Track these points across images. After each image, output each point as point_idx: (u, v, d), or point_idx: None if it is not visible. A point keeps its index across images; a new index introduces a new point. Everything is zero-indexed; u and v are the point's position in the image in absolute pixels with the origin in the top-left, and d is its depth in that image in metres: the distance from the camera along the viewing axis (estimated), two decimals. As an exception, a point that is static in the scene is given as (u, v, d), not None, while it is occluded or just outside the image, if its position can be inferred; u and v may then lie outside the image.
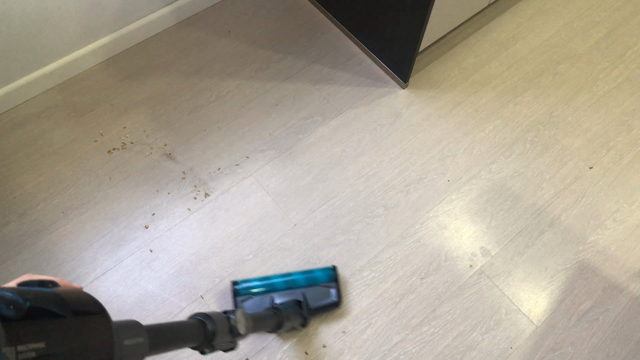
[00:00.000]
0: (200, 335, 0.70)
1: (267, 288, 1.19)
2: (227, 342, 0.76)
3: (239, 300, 1.18)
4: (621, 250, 1.31)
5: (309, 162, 1.40)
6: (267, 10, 1.66)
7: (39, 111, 1.46)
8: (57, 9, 1.32)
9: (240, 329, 0.78)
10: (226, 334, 0.74)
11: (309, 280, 1.20)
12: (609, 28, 1.66)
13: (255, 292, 1.19)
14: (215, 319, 0.72)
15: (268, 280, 1.20)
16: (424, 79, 1.55)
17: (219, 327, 0.72)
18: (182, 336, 0.68)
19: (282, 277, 1.20)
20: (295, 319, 1.09)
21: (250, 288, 1.19)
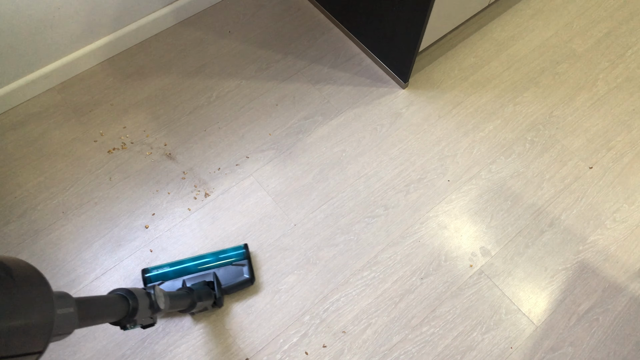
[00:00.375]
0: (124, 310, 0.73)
1: (179, 272, 1.19)
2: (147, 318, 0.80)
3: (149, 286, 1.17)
4: (621, 250, 1.31)
5: (309, 162, 1.40)
6: (267, 10, 1.66)
7: (39, 111, 1.46)
8: (57, 9, 1.32)
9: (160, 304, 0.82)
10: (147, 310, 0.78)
11: (220, 261, 1.21)
12: (609, 28, 1.66)
13: (168, 278, 1.19)
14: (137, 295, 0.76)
15: (179, 264, 1.20)
16: (424, 79, 1.55)
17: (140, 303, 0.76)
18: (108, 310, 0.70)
19: (194, 260, 1.21)
20: (207, 299, 1.10)
21: (161, 274, 1.20)
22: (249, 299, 1.22)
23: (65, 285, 1.22)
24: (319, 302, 1.22)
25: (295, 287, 1.24)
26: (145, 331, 1.18)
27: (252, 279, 1.21)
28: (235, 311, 1.21)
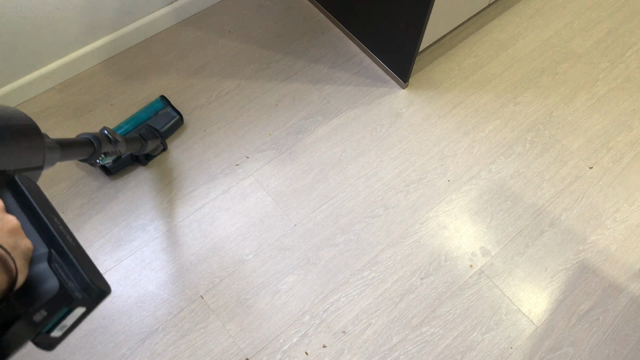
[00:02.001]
0: (92, 145, 0.96)
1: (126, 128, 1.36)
2: (112, 151, 1.04)
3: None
4: (621, 250, 1.31)
5: (309, 162, 1.40)
6: (267, 10, 1.66)
7: (39, 111, 1.46)
8: (56, 9, 1.32)
9: (116, 137, 1.05)
10: (108, 144, 1.01)
11: (148, 113, 1.39)
12: (609, 28, 1.66)
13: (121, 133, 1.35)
14: (97, 135, 0.99)
15: (118, 130, 1.35)
16: (424, 79, 1.55)
17: (101, 138, 0.99)
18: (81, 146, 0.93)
19: (127, 123, 1.37)
20: (153, 140, 1.29)
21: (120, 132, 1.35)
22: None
23: (65, 285, 1.22)
24: (319, 302, 1.22)
25: (295, 287, 1.24)
26: (145, 331, 1.18)
27: (181, 116, 1.41)
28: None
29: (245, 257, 1.27)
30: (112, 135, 1.04)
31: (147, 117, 1.39)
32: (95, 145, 0.97)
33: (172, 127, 1.40)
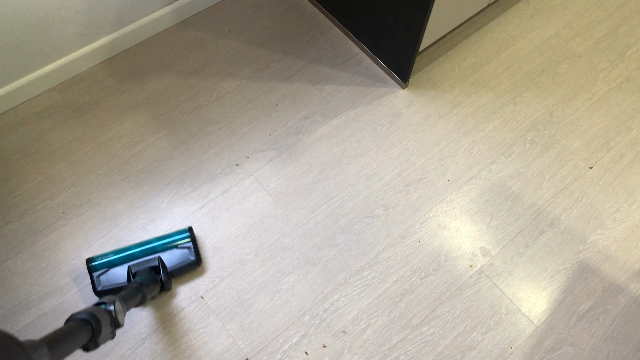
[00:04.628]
0: (88, 334, 0.73)
1: (124, 259, 1.19)
2: (108, 335, 0.80)
3: (95, 275, 1.18)
4: (621, 250, 1.31)
5: (309, 162, 1.40)
6: (267, 10, 1.66)
7: (39, 111, 1.46)
8: (57, 9, 1.32)
9: (120, 321, 0.83)
10: (108, 327, 0.79)
11: (165, 245, 1.21)
12: (609, 28, 1.66)
13: (113, 265, 1.19)
14: (98, 317, 0.76)
15: (125, 251, 1.20)
16: (424, 79, 1.55)
17: (103, 324, 0.76)
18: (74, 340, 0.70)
19: (139, 247, 1.21)
20: (154, 288, 1.11)
21: (107, 263, 1.19)
22: (248, 303, 1.22)
23: (66, 285, 1.22)
24: (319, 302, 1.22)
25: (295, 287, 1.24)
26: (145, 331, 1.18)
27: (198, 260, 1.23)
28: (235, 311, 1.21)
29: (245, 257, 1.27)
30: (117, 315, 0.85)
31: (163, 248, 1.21)
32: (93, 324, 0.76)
33: (183, 269, 1.21)
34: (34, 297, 1.21)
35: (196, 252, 1.23)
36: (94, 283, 1.18)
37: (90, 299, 1.22)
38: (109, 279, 1.18)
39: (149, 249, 1.21)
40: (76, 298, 1.21)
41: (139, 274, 1.14)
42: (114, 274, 1.18)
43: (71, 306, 1.20)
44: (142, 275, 1.13)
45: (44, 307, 1.20)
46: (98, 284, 1.18)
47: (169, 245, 1.22)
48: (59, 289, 1.22)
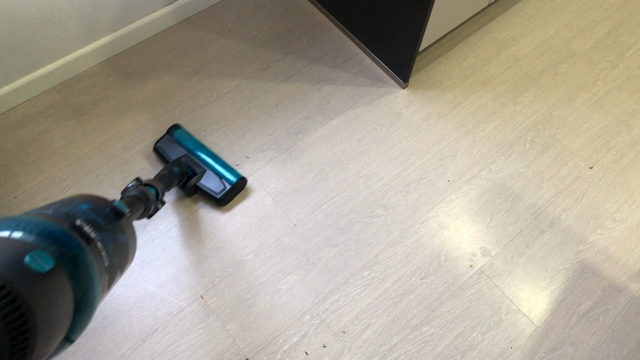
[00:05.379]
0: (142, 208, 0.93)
1: (189, 149, 1.34)
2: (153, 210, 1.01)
3: (166, 137, 1.37)
4: (621, 250, 1.31)
5: (309, 162, 1.40)
6: (267, 10, 1.66)
7: (39, 111, 1.46)
8: (57, 9, 1.32)
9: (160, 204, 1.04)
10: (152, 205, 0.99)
11: (217, 170, 1.32)
12: (609, 28, 1.66)
13: (181, 145, 1.35)
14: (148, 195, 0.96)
15: (195, 146, 1.34)
16: (424, 79, 1.55)
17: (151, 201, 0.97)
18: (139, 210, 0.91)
19: (204, 153, 1.33)
20: (179, 182, 1.25)
21: (180, 139, 1.36)
22: (249, 301, 1.22)
23: (65, 285, 1.22)
24: (319, 302, 1.22)
25: (295, 287, 1.24)
26: (145, 331, 1.18)
27: (221, 202, 1.30)
28: (235, 311, 1.21)
29: (245, 257, 1.27)
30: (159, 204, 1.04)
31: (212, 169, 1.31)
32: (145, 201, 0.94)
33: (206, 195, 1.30)
34: (34, 297, 1.21)
35: (226, 195, 1.30)
36: (160, 140, 1.37)
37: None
38: (168, 147, 1.35)
39: (206, 160, 1.32)
40: (76, 298, 1.21)
41: (180, 165, 1.27)
42: (173, 148, 1.35)
43: (71, 306, 1.20)
44: (181, 168, 1.27)
45: (44, 307, 1.20)
46: (160, 144, 1.37)
47: (218, 172, 1.32)
48: (59, 289, 1.22)
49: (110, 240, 0.56)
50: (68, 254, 0.45)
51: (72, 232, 0.49)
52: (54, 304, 0.39)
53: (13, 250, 0.38)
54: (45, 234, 0.44)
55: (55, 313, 0.40)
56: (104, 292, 0.53)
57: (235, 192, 1.32)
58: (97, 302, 0.49)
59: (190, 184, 1.27)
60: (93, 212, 0.57)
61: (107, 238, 0.55)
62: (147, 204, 0.94)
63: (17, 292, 0.35)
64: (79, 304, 0.45)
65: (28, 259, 0.38)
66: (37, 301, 0.36)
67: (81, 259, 0.46)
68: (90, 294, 0.47)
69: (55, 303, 0.40)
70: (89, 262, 0.47)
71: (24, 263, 0.38)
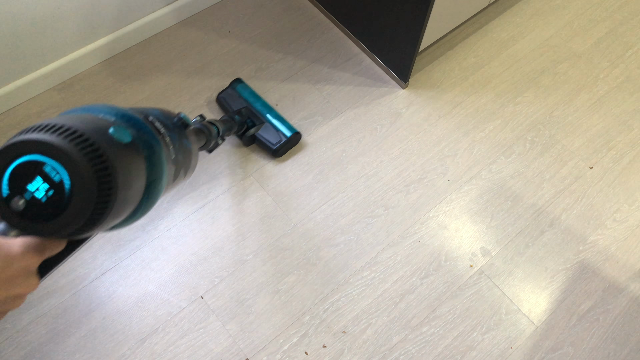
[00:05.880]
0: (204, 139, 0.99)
1: (251, 101, 1.41)
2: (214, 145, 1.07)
3: (229, 89, 1.45)
4: (621, 250, 1.31)
5: (309, 162, 1.40)
6: (267, 10, 1.66)
7: (39, 111, 1.46)
8: (56, 9, 1.32)
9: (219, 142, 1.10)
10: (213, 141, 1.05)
11: (274, 124, 1.38)
12: (609, 28, 1.66)
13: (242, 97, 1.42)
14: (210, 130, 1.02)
15: (256, 99, 1.41)
16: (424, 79, 1.55)
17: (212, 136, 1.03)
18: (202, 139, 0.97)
19: (264, 107, 1.40)
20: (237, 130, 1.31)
21: (242, 92, 1.43)
22: (252, 300, 1.22)
23: (66, 285, 1.22)
24: (319, 302, 1.22)
25: (295, 287, 1.24)
26: (145, 331, 1.18)
27: (276, 153, 1.37)
28: (235, 311, 1.21)
29: (245, 257, 1.27)
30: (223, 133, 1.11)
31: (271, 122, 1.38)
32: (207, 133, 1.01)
33: (262, 145, 1.37)
34: (34, 297, 1.21)
35: (281, 147, 1.36)
36: (222, 92, 1.45)
37: (87, 299, 1.22)
38: (230, 98, 1.43)
39: (265, 114, 1.39)
40: (76, 298, 1.21)
41: (241, 115, 1.35)
42: (234, 100, 1.42)
43: (71, 306, 1.20)
44: (242, 118, 1.34)
45: (44, 307, 1.20)
46: (223, 94, 1.44)
47: (275, 125, 1.38)
48: (59, 289, 1.22)
49: (176, 139, 0.61)
50: (144, 138, 0.50)
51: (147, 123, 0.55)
52: (131, 175, 0.44)
53: (98, 123, 0.43)
54: (125, 118, 0.50)
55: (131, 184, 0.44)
56: (169, 185, 0.58)
57: (290, 145, 1.39)
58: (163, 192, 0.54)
59: (249, 134, 1.35)
60: (162, 115, 0.63)
61: (174, 137, 0.61)
62: (208, 137, 1.00)
63: (104, 151, 0.39)
64: (149, 187, 0.50)
65: (112, 130, 0.43)
66: (119, 166, 0.41)
67: (155, 146, 0.51)
68: (159, 181, 0.52)
69: (132, 175, 0.44)
70: (162, 150, 0.53)
71: (109, 133, 0.42)
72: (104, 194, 0.39)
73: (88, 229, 0.40)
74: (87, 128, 0.40)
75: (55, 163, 0.37)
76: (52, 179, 0.38)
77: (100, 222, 0.40)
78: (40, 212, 0.38)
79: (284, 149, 1.37)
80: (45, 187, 0.38)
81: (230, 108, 1.41)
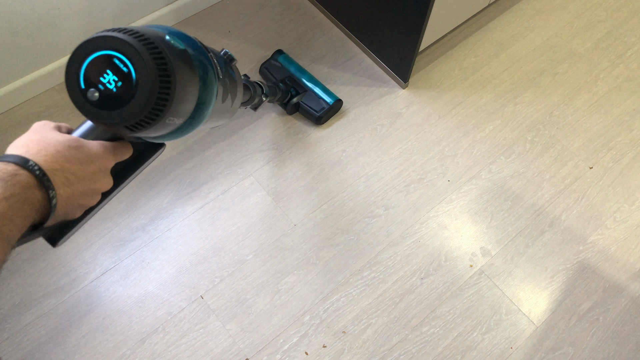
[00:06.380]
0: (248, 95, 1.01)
1: (294, 71, 1.45)
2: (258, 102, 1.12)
3: (271, 60, 1.49)
4: (621, 250, 1.31)
5: (309, 162, 1.40)
6: (267, 10, 1.66)
7: (39, 111, 1.46)
8: (56, 8, 1.32)
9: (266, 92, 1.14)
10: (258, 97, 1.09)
11: (317, 92, 1.43)
12: (609, 28, 1.66)
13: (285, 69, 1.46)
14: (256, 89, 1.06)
15: (298, 70, 1.46)
16: (424, 79, 1.55)
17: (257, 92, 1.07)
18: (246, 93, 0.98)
19: (306, 77, 1.45)
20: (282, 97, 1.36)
21: (285, 63, 1.47)
22: (249, 303, 1.22)
23: (66, 285, 1.22)
24: (319, 302, 1.22)
25: (295, 287, 1.24)
26: (145, 331, 1.18)
27: (319, 120, 1.41)
28: (236, 311, 1.21)
29: (245, 257, 1.27)
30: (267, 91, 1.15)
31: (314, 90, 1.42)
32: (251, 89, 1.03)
33: (307, 113, 1.42)
34: (33, 297, 1.21)
35: (324, 114, 1.40)
36: (265, 62, 1.49)
37: (87, 299, 1.22)
38: (273, 69, 1.47)
39: (307, 83, 1.43)
40: (76, 298, 1.21)
41: (285, 83, 1.41)
42: (277, 70, 1.46)
43: (71, 306, 1.20)
44: (286, 86, 1.40)
45: (44, 307, 1.20)
46: (265, 65, 1.48)
47: (317, 94, 1.42)
48: (59, 289, 1.22)
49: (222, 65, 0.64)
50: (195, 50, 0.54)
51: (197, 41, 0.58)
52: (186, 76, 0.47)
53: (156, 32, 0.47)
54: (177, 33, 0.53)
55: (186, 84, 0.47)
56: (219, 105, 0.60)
57: (332, 112, 1.44)
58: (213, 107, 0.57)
59: (293, 102, 1.39)
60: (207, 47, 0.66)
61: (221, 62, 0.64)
62: (253, 93, 1.03)
63: (163, 49, 0.44)
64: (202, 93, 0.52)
65: (168, 37, 0.47)
66: (175, 65, 0.45)
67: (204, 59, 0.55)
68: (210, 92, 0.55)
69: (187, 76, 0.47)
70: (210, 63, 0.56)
71: (166, 39, 0.47)
72: (164, 87, 0.43)
73: (152, 120, 0.44)
74: (149, 33, 0.45)
75: (124, 57, 0.43)
76: (122, 70, 0.43)
77: (162, 114, 0.44)
78: (112, 102, 0.43)
79: (327, 116, 1.42)
80: (114, 78, 0.43)
81: (274, 78, 1.45)
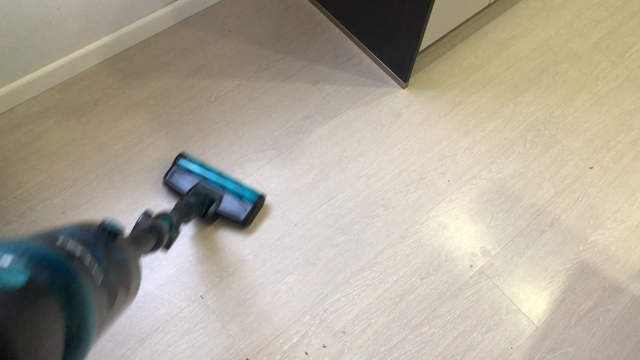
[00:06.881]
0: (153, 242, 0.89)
1: (201, 176, 1.30)
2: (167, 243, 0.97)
3: (174, 169, 1.33)
4: (621, 250, 1.31)
5: (309, 162, 1.40)
6: (267, 10, 1.66)
7: (39, 111, 1.46)
8: (56, 9, 1.32)
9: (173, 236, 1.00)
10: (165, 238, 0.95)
11: (235, 193, 1.29)
12: (609, 28, 1.66)
13: (191, 174, 1.31)
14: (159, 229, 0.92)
15: (208, 171, 1.31)
16: (424, 79, 1.55)
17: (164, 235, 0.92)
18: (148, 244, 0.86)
19: (217, 176, 1.30)
20: (198, 212, 1.21)
21: (189, 168, 1.32)
22: (249, 300, 1.22)
23: (65, 285, 1.22)
24: (319, 302, 1.22)
25: (295, 287, 1.24)
26: (145, 331, 1.18)
27: (245, 223, 1.28)
28: (235, 311, 1.21)
29: (245, 257, 1.27)
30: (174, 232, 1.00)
31: (231, 191, 1.28)
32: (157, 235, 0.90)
33: (230, 219, 1.28)
34: (33, 297, 1.21)
35: (249, 216, 1.28)
36: (168, 174, 1.32)
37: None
38: (179, 179, 1.31)
39: (222, 184, 1.29)
40: (76, 298, 1.21)
41: (196, 195, 1.22)
42: (184, 179, 1.31)
43: (71, 306, 1.20)
44: (198, 198, 1.22)
45: (43, 307, 1.20)
46: (170, 178, 1.32)
47: (237, 194, 1.29)
48: (59, 289, 1.22)
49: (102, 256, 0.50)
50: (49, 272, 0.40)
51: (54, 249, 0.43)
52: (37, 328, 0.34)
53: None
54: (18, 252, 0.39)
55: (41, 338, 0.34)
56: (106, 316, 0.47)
57: (257, 211, 1.30)
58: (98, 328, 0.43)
59: (211, 213, 1.23)
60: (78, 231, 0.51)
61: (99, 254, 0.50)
62: (159, 236, 0.90)
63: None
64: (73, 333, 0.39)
65: None
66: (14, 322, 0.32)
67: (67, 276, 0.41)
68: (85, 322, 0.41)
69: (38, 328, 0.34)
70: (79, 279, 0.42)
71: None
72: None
73: None
74: None
75: None
76: None
77: None
78: None
79: (251, 217, 1.28)
80: None
81: (182, 189, 1.29)
